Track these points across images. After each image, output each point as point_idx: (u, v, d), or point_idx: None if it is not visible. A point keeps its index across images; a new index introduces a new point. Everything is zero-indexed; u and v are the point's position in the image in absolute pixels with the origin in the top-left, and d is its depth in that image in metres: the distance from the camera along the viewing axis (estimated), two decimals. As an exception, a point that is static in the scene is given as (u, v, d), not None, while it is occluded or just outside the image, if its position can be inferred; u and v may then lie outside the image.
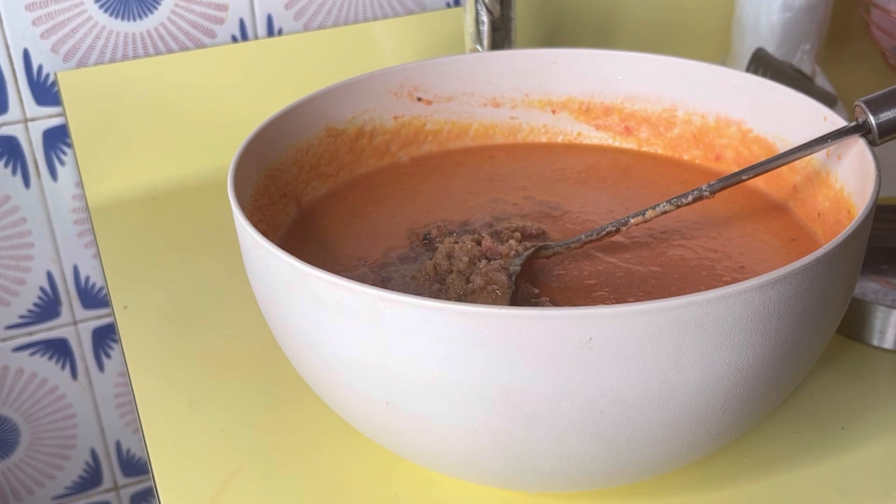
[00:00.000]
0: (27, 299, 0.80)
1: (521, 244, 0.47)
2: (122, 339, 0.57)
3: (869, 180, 0.43)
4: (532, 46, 0.77)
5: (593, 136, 0.60)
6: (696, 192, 0.47)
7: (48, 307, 0.81)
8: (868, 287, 0.56)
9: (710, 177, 0.54)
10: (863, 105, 0.46)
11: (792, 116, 0.52)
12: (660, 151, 0.59)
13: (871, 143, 0.46)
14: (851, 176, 0.47)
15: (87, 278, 0.81)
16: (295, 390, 0.50)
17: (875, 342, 0.54)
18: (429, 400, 0.37)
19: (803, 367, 0.41)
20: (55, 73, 0.72)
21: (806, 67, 0.78)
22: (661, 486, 0.45)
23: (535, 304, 0.44)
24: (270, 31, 0.78)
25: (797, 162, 0.50)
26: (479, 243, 0.47)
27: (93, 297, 0.82)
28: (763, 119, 0.54)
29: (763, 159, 0.49)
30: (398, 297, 0.35)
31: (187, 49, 0.76)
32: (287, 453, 0.48)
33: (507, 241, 0.47)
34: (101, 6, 0.72)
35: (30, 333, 0.81)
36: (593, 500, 0.45)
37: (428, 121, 0.59)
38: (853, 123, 0.47)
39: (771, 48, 0.77)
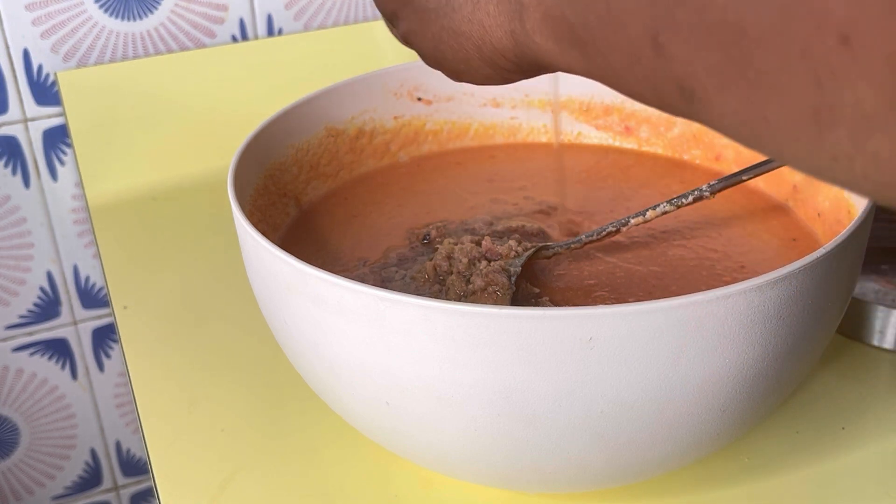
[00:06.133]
0: (27, 299, 0.80)
1: (521, 245, 0.47)
2: (122, 339, 0.57)
3: (869, 180, 0.43)
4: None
5: (593, 136, 0.60)
6: (696, 192, 0.47)
7: (48, 307, 0.81)
8: (868, 287, 0.56)
9: (710, 177, 0.54)
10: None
11: (792, 116, 0.52)
12: (660, 151, 0.59)
13: (872, 143, 0.46)
14: (851, 176, 0.47)
15: (87, 278, 0.81)
16: (295, 390, 0.50)
17: (875, 342, 0.54)
18: (429, 400, 0.37)
19: (803, 368, 0.41)
20: (55, 73, 0.72)
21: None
22: (661, 486, 0.45)
23: (536, 304, 0.44)
24: (270, 31, 0.78)
25: (797, 162, 0.50)
26: (478, 244, 0.47)
27: (93, 297, 0.82)
28: (763, 119, 0.54)
29: (763, 159, 0.49)
30: (398, 297, 0.35)
31: (187, 49, 0.76)
32: (287, 453, 0.48)
33: (507, 241, 0.47)
34: (101, 6, 0.72)
35: (30, 333, 0.81)
36: (593, 500, 0.45)
37: (428, 121, 0.59)
38: (853, 123, 0.46)
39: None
